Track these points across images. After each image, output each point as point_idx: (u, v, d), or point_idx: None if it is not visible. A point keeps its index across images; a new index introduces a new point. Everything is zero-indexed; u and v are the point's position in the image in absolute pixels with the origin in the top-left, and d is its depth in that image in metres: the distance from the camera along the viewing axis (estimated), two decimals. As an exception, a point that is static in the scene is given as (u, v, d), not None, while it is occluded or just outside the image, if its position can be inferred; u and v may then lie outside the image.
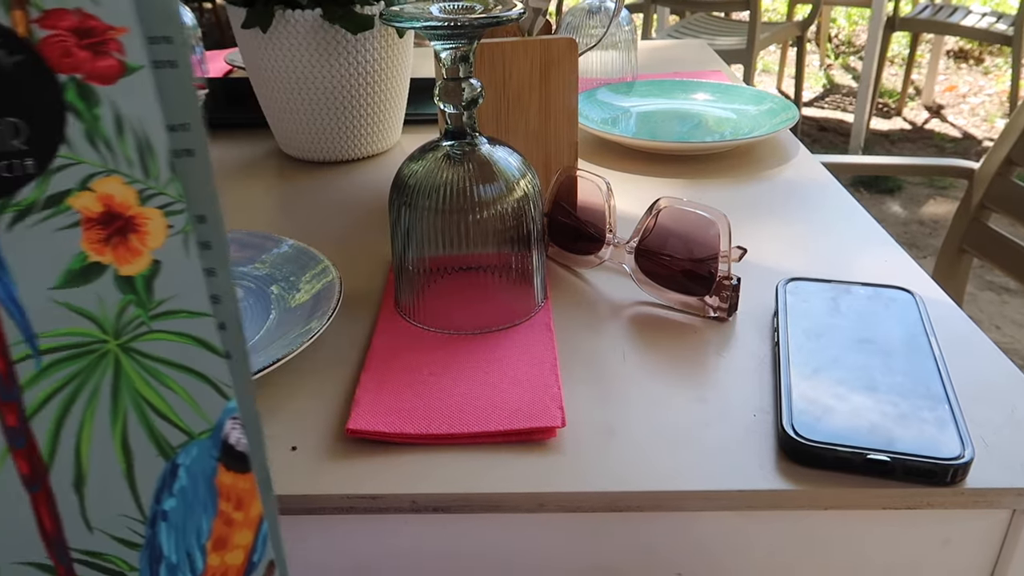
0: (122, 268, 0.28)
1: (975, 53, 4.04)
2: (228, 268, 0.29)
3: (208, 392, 0.28)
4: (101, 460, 0.28)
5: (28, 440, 0.28)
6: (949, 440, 0.37)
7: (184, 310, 0.28)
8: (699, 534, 0.39)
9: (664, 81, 0.95)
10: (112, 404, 0.28)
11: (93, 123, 0.28)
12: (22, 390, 0.28)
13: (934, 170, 1.20)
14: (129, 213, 0.28)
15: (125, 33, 0.28)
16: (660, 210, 0.51)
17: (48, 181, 0.28)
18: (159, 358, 0.28)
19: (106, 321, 0.28)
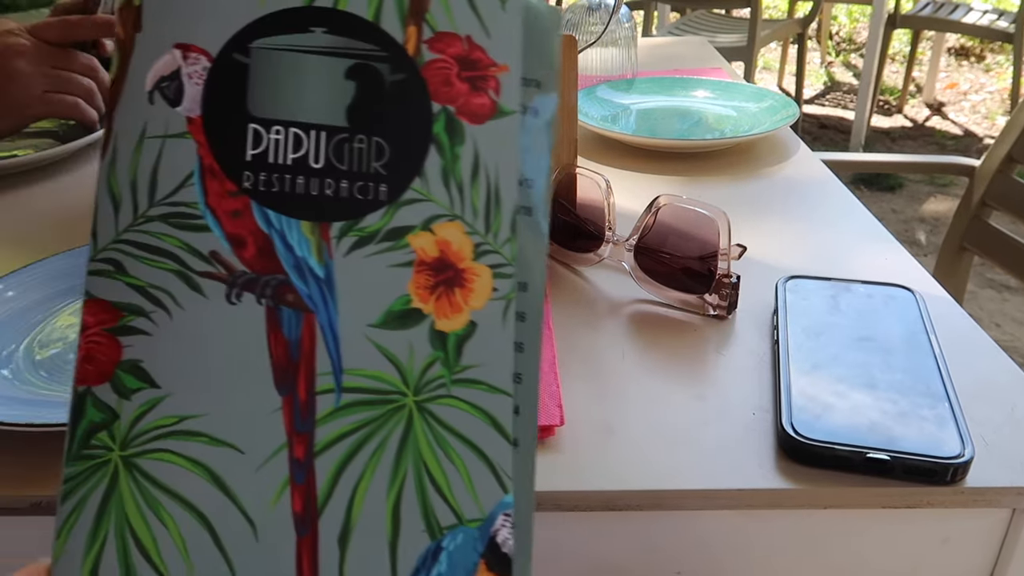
0: (439, 322, 0.27)
1: (976, 50, 4.04)
2: (538, 347, 0.28)
3: (488, 478, 0.26)
4: (370, 519, 0.26)
5: (309, 477, 0.26)
6: (949, 439, 0.37)
7: (486, 382, 0.27)
8: (698, 533, 0.38)
9: (664, 78, 0.94)
10: (395, 462, 0.26)
11: (452, 162, 0.27)
12: (316, 424, 0.26)
13: (935, 167, 1.20)
14: (461, 265, 0.27)
15: (505, 72, 0.27)
16: (660, 208, 0.51)
17: (395, 212, 0.27)
18: (449, 427, 0.27)
19: (410, 374, 0.27)
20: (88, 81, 0.81)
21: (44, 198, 0.73)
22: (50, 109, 0.79)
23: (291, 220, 0.27)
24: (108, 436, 0.26)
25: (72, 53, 0.80)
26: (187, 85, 0.27)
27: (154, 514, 0.26)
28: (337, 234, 0.27)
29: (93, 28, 0.80)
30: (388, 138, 0.27)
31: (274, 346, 0.26)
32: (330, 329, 0.27)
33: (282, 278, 0.27)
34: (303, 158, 0.27)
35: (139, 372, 0.26)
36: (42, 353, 0.46)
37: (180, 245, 0.27)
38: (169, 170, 0.27)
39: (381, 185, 0.27)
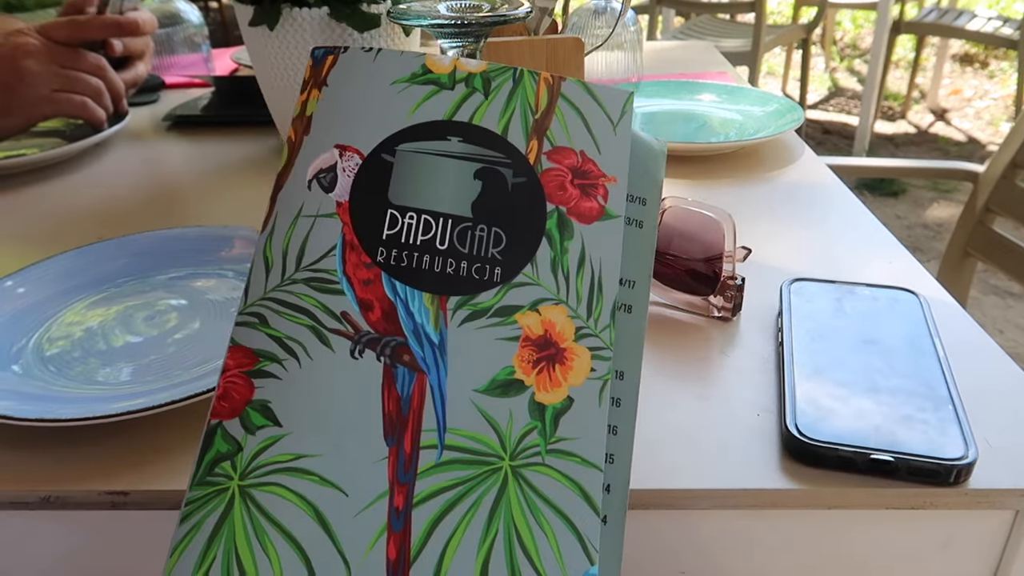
0: (539, 394, 0.29)
1: (980, 57, 4.04)
2: (631, 433, 0.29)
3: (575, 548, 0.27)
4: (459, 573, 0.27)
5: (406, 527, 0.28)
6: (953, 441, 0.37)
7: (580, 456, 0.28)
8: (702, 532, 0.39)
9: (669, 82, 0.95)
10: (487, 522, 0.28)
11: (561, 254, 0.31)
12: (418, 477, 0.28)
13: (939, 173, 1.20)
14: (563, 345, 0.30)
15: (613, 183, 0.32)
16: (665, 210, 0.51)
17: (506, 292, 0.30)
18: (542, 494, 0.28)
19: (508, 439, 0.29)
20: (96, 81, 0.82)
21: (52, 197, 0.73)
22: (58, 108, 0.80)
23: (415, 291, 0.30)
24: (230, 466, 0.28)
25: (81, 53, 0.81)
26: (340, 177, 0.31)
27: (260, 544, 0.27)
28: (454, 307, 0.30)
29: (101, 28, 0.81)
30: (506, 229, 0.31)
31: (387, 400, 0.29)
32: (439, 390, 0.29)
33: (401, 340, 0.30)
34: (431, 240, 0.31)
35: (266, 411, 0.29)
36: (51, 348, 0.47)
37: (316, 305, 0.30)
38: (316, 243, 0.31)
39: (496, 268, 0.30)
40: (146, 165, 0.82)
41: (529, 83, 0.32)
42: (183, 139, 0.89)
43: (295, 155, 0.32)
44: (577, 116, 0.32)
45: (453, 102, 0.32)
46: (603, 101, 0.33)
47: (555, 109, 0.32)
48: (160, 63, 1.10)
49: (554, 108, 0.32)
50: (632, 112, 0.32)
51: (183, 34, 1.12)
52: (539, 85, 0.32)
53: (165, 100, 1.04)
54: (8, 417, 0.38)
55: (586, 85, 0.33)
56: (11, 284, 0.51)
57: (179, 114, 0.93)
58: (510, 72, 0.32)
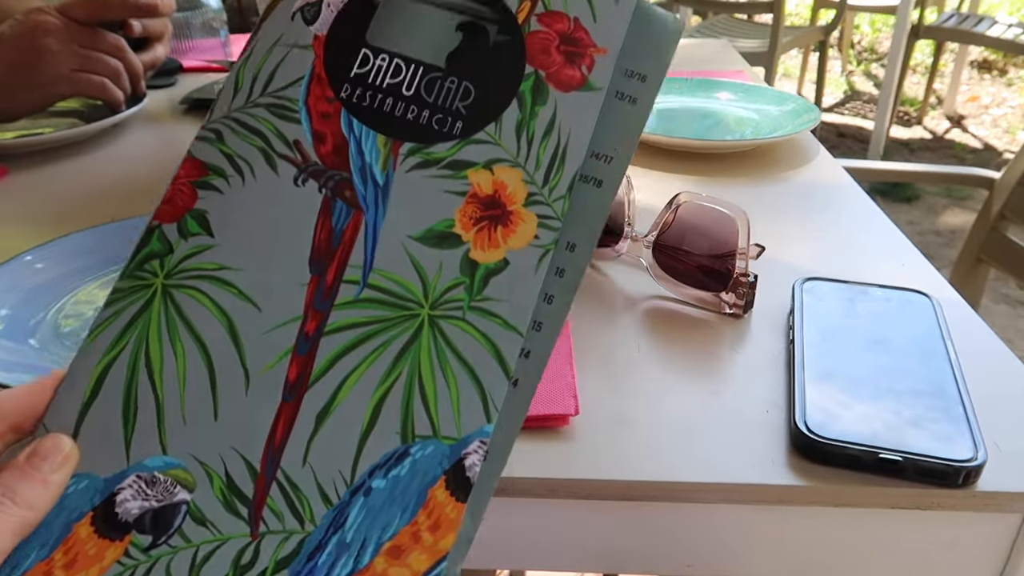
0: (475, 252, 0.29)
1: (999, 64, 4.01)
2: (567, 305, 0.29)
3: (476, 404, 0.28)
4: (352, 405, 0.28)
5: (311, 352, 0.28)
6: (962, 442, 0.37)
7: (502, 317, 0.29)
8: (710, 526, 0.39)
9: (686, 79, 0.94)
10: (392, 363, 0.28)
11: (529, 118, 0.30)
12: (333, 308, 0.29)
13: (954, 178, 1.19)
14: (511, 207, 0.29)
15: (603, 54, 0.31)
16: (679, 205, 0.51)
17: (463, 147, 0.30)
18: (454, 347, 0.28)
19: (432, 289, 0.29)
20: (115, 61, 0.82)
21: (68, 177, 0.74)
22: (77, 88, 0.80)
23: (370, 131, 0.30)
24: (159, 264, 0.29)
25: (100, 33, 0.81)
26: (324, 11, 0.31)
27: (170, 339, 0.29)
28: (406, 152, 0.30)
29: (121, 8, 0.81)
30: (477, 85, 0.30)
31: (320, 230, 0.29)
32: (373, 229, 0.29)
33: (346, 176, 0.30)
34: (397, 84, 0.30)
35: (202, 220, 0.30)
36: (68, 324, 0.47)
37: (271, 129, 0.31)
38: (286, 71, 0.31)
39: (458, 122, 0.30)
40: (162, 147, 0.82)
41: None
42: (199, 122, 0.89)
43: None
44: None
45: None
46: None
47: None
48: (178, 47, 1.11)
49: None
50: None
51: (202, 18, 1.12)
52: None
53: (182, 83, 1.05)
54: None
55: None
56: (30, 259, 0.51)
57: (196, 97, 0.93)
58: None
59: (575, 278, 0.29)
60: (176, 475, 0.27)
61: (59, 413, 0.28)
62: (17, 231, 0.62)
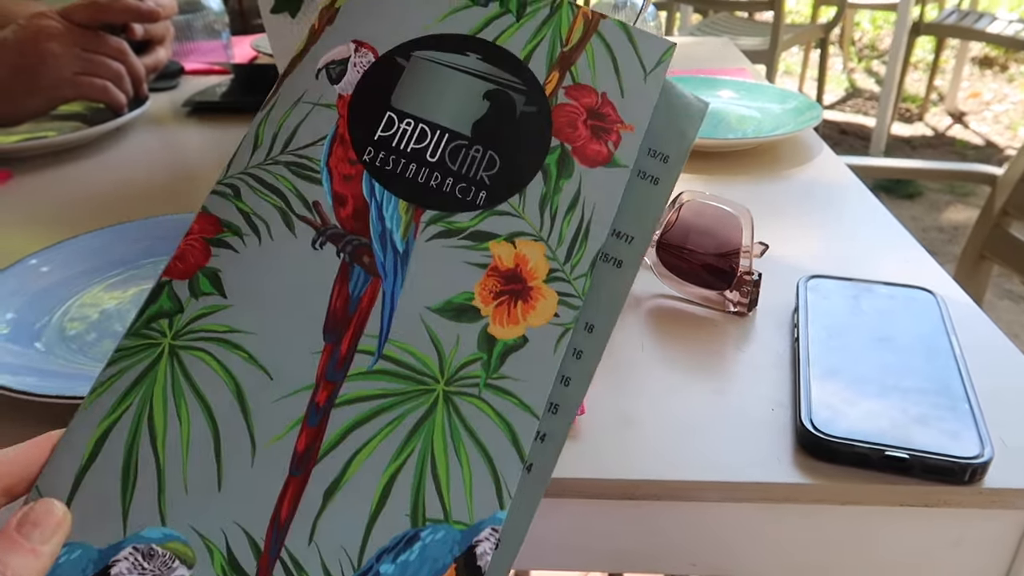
0: (493, 327, 0.28)
1: (1000, 60, 4.00)
2: (584, 389, 0.28)
3: (489, 488, 0.27)
4: (361, 484, 0.27)
5: (321, 424, 0.27)
6: (968, 439, 0.37)
7: (519, 398, 0.27)
8: (714, 525, 0.39)
9: (688, 77, 0.94)
10: (404, 440, 0.27)
11: (553, 191, 0.30)
12: (347, 378, 0.28)
13: (957, 175, 1.19)
14: (531, 283, 0.29)
15: (629, 131, 0.30)
16: (683, 204, 0.51)
17: (485, 218, 0.29)
18: (469, 426, 0.27)
19: (448, 363, 0.28)
20: (118, 65, 0.82)
21: (71, 180, 0.74)
22: (79, 92, 0.80)
23: (392, 196, 0.30)
24: (167, 324, 0.29)
25: (102, 36, 0.81)
26: (350, 71, 0.31)
27: (175, 405, 0.28)
28: (428, 220, 0.29)
29: (122, 12, 0.81)
30: (502, 155, 0.30)
31: (336, 297, 0.29)
32: (390, 298, 0.29)
33: (365, 241, 0.29)
34: (422, 150, 0.30)
35: (215, 280, 0.29)
36: (73, 327, 0.47)
37: (291, 188, 0.30)
38: (309, 129, 0.31)
39: (482, 192, 0.30)
40: (165, 150, 0.82)
41: (566, 15, 0.31)
42: (202, 125, 0.90)
43: (312, 43, 0.32)
44: (608, 57, 0.31)
45: (483, 18, 0.31)
46: (640, 47, 0.31)
47: (587, 45, 0.31)
48: (180, 49, 1.11)
49: (585, 44, 0.31)
50: (668, 64, 0.31)
51: (203, 21, 1.12)
52: (576, 19, 0.31)
53: (185, 86, 1.05)
54: (30, 393, 0.39)
55: (627, 28, 0.31)
56: (35, 262, 0.52)
57: (198, 100, 0.93)
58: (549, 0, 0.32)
59: (593, 361, 0.28)
60: (175, 548, 0.26)
61: (54, 476, 0.27)
62: (21, 235, 0.62)
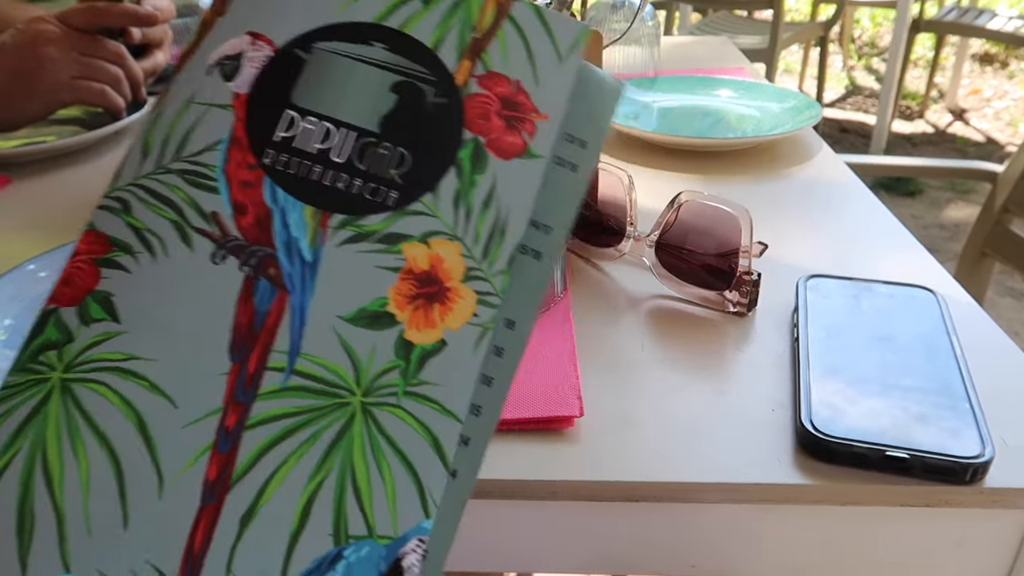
0: (410, 332, 0.27)
1: (1000, 57, 4.00)
2: (507, 387, 0.27)
3: (413, 498, 0.26)
4: (279, 507, 0.25)
5: (232, 449, 0.26)
6: (969, 439, 0.37)
7: (440, 403, 0.26)
8: (714, 526, 0.39)
9: (687, 77, 0.94)
10: (323, 457, 0.26)
11: (468, 187, 0.28)
12: (256, 399, 0.26)
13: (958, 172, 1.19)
14: (448, 284, 0.27)
15: (544, 120, 0.29)
16: (681, 204, 0.51)
17: (398, 219, 0.28)
18: (389, 437, 0.26)
19: (365, 374, 0.26)
20: (116, 69, 0.82)
21: (70, 184, 0.74)
22: (78, 96, 0.80)
23: (296, 202, 0.28)
24: (56, 356, 0.26)
25: (100, 40, 0.81)
26: (245, 67, 0.29)
27: (71, 444, 0.26)
28: (336, 225, 0.27)
29: (120, 16, 0.81)
30: (413, 151, 0.28)
31: (241, 313, 0.27)
32: (300, 311, 0.27)
33: (270, 252, 0.27)
34: (327, 151, 0.28)
35: (107, 304, 0.27)
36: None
37: (186, 199, 0.28)
38: (202, 133, 0.28)
39: (393, 191, 0.28)
40: (164, 153, 0.82)
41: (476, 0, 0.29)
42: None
43: (204, 36, 0.29)
44: (521, 42, 0.29)
45: (387, 5, 0.29)
46: (554, 31, 0.29)
47: (498, 31, 0.29)
48: (178, 53, 1.11)
49: (497, 30, 0.29)
50: (584, 47, 0.29)
51: (201, 24, 1.12)
52: (487, 2, 0.29)
53: (183, 89, 1.05)
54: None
55: (540, 11, 0.30)
56: (33, 268, 0.51)
57: (197, 103, 0.93)
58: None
59: (515, 357, 0.27)
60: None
61: None
62: (20, 240, 0.62)
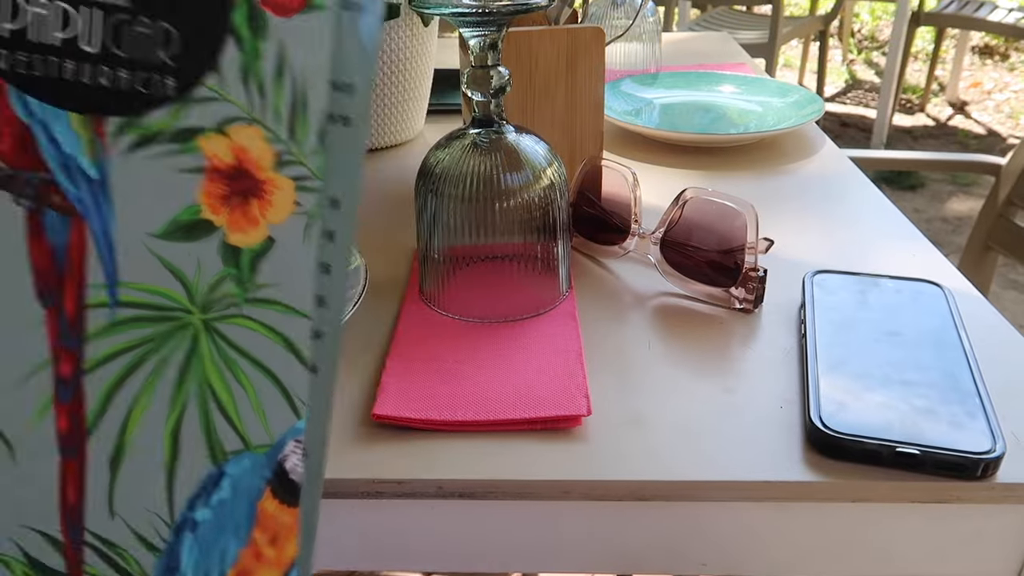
0: (232, 235, 0.24)
1: (1001, 49, 3.99)
2: (345, 268, 0.25)
3: (280, 403, 0.25)
4: (146, 441, 0.24)
5: (77, 396, 0.24)
6: (980, 434, 0.37)
7: (283, 303, 0.25)
8: (724, 524, 0.38)
9: (688, 73, 0.94)
10: (177, 383, 0.25)
11: (253, 58, 0.24)
12: (86, 340, 0.24)
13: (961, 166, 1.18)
14: (260, 175, 0.24)
15: None
16: (686, 201, 0.51)
17: (184, 111, 0.24)
18: (240, 348, 0.25)
19: (197, 290, 0.24)
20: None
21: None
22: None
23: (57, 111, 0.23)
24: None
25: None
26: None
27: None
28: (114, 130, 0.24)
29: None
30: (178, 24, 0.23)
31: (36, 253, 0.24)
32: (104, 237, 0.24)
33: (46, 177, 0.24)
34: (73, 40, 0.23)
35: None
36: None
37: None
38: None
39: (168, 78, 0.23)
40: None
41: None
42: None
43: None
44: None
45: None
46: None
47: None
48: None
49: None
50: None
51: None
52: None
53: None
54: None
55: None
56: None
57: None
58: None
59: (347, 239, 0.25)
60: None
61: None
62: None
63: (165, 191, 0.24)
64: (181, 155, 0.24)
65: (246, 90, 0.24)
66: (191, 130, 0.24)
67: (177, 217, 0.24)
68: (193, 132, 0.24)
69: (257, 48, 0.24)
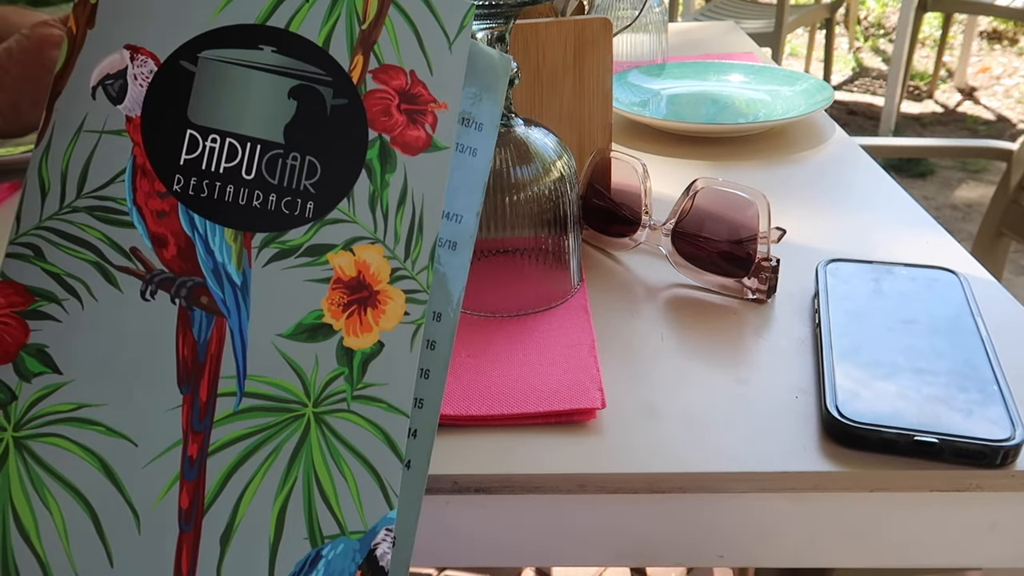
0: (348, 339, 0.28)
1: (1009, 33, 3.96)
2: (444, 376, 0.28)
3: (375, 493, 0.27)
4: (254, 521, 0.27)
5: (200, 476, 0.27)
6: (998, 421, 0.36)
7: (386, 402, 0.28)
8: (741, 515, 0.38)
9: (695, 63, 0.93)
10: (287, 469, 0.27)
11: (381, 188, 0.28)
12: (214, 425, 0.27)
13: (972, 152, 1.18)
14: (377, 287, 0.28)
15: (444, 109, 0.29)
16: (697, 191, 0.50)
17: (318, 230, 0.28)
18: (345, 440, 0.27)
19: (312, 385, 0.27)
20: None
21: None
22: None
23: (215, 226, 0.27)
24: (3, 416, 0.27)
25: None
26: (131, 86, 0.28)
27: (39, 497, 0.26)
28: (259, 244, 0.28)
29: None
30: (321, 158, 0.28)
31: (182, 346, 0.27)
32: (239, 335, 0.27)
33: (199, 280, 0.27)
34: (235, 168, 0.28)
35: (43, 357, 0.27)
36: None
37: (102, 238, 0.27)
38: (101, 165, 0.27)
39: (308, 202, 0.28)
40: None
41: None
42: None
43: (76, 53, 0.28)
44: (409, 29, 0.28)
45: (268, 4, 0.28)
46: (439, 12, 0.29)
47: (385, 19, 0.28)
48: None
49: (384, 18, 0.28)
50: (471, 28, 0.29)
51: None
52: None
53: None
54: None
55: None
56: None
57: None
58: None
59: (447, 348, 0.28)
60: None
61: None
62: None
63: (295, 297, 0.28)
64: (312, 267, 0.28)
65: (372, 214, 0.28)
66: (323, 246, 0.28)
67: (303, 320, 0.28)
68: (324, 248, 0.28)
69: (385, 180, 0.28)
